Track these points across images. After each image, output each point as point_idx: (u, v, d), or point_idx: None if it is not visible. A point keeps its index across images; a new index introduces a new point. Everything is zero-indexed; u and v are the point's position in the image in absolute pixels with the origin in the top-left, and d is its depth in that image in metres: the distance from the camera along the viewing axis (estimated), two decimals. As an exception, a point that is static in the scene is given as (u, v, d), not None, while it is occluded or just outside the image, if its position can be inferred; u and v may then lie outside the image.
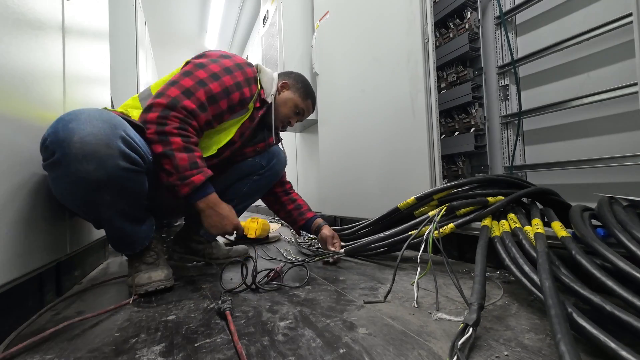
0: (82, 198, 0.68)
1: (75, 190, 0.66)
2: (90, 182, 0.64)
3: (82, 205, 0.70)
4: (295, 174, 2.56)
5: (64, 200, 0.70)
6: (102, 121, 0.65)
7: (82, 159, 0.62)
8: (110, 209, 0.72)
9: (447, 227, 0.90)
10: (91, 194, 0.67)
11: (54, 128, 0.62)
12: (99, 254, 1.24)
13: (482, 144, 1.43)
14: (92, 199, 0.68)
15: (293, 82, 1.11)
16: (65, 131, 0.61)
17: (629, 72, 1.00)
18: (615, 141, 1.06)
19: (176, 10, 4.09)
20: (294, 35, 2.14)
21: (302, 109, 1.11)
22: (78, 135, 0.61)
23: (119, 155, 0.66)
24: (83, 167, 0.62)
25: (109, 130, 0.65)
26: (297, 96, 1.09)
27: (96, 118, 0.65)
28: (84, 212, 0.73)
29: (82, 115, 0.64)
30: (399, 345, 0.51)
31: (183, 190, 0.81)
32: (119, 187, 0.69)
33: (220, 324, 0.62)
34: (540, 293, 0.55)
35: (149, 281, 0.81)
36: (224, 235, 0.94)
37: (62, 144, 0.61)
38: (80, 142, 0.61)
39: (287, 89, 1.09)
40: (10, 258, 0.56)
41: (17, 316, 0.64)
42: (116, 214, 0.74)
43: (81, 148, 0.61)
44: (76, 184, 0.64)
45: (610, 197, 0.72)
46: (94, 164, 0.63)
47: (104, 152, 0.64)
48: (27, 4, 0.65)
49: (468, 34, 1.40)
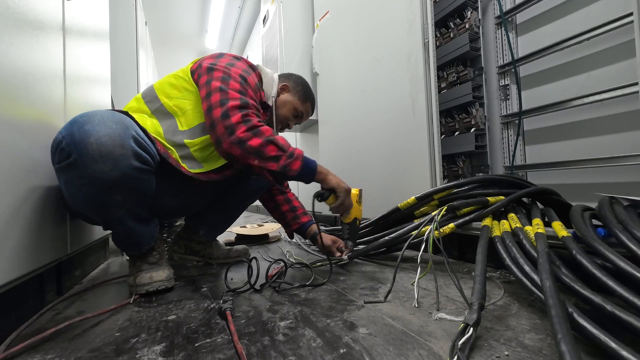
0: (95, 199, 0.68)
1: (90, 191, 0.67)
2: (104, 183, 0.65)
3: (94, 206, 0.70)
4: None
5: (76, 201, 0.70)
6: (115, 122, 0.67)
7: (99, 160, 0.63)
8: (121, 209, 0.73)
9: (448, 227, 0.90)
10: (104, 195, 0.68)
11: (69, 130, 0.64)
12: (99, 253, 1.24)
13: (482, 143, 1.43)
14: (104, 199, 0.69)
15: (293, 84, 1.11)
16: (81, 133, 0.63)
17: (629, 72, 1.00)
18: (616, 141, 1.05)
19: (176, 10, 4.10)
20: (294, 35, 2.14)
21: (301, 112, 1.11)
22: (94, 137, 0.63)
23: (132, 155, 0.68)
24: (99, 167, 0.64)
25: (122, 131, 0.67)
26: (296, 99, 1.09)
27: (109, 119, 0.67)
28: (96, 213, 0.73)
29: (96, 117, 0.66)
30: (400, 345, 0.51)
31: (295, 165, 0.83)
32: (131, 187, 0.70)
33: (220, 323, 0.62)
34: (540, 293, 0.55)
35: (150, 281, 0.81)
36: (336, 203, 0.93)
37: (78, 145, 0.62)
38: (96, 144, 0.63)
39: (287, 91, 1.09)
40: (10, 258, 0.56)
41: (18, 316, 0.64)
42: (126, 213, 0.75)
43: (98, 149, 0.63)
44: (91, 184, 0.65)
45: (610, 197, 0.72)
46: (110, 165, 0.64)
47: (119, 153, 0.65)
48: (28, 4, 0.66)
49: (468, 33, 1.40)
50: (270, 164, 0.82)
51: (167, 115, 0.89)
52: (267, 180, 0.87)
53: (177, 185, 0.91)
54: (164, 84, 0.92)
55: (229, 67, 0.89)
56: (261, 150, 0.80)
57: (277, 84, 1.07)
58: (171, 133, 0.88)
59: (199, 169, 0.91)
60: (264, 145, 0.80)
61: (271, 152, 0.81)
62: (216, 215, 1.16)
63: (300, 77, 1.14)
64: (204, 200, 1.09)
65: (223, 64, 0.89)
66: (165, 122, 0.89)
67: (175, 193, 0.94)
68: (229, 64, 0.90)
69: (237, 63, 0.92)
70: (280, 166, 0.82)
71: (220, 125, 0.79)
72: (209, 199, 1.10)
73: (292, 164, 0.83)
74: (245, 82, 0.88)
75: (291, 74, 1.15)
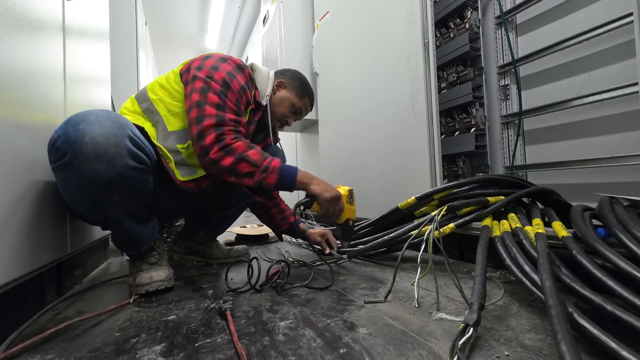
0: (92, 198, 0.68)
1: (86, 191, 0.67)
2: (100, 182, 0.65)
3: (91, 205, 0.70)
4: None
5: (72, 201, 0.70)
6: (110, 121, 0.67)
7: (94, 159, 0.63)
8: (118, 209, 0.73)
9: (448, 227, 0.90)
10: (101, 194, 0.68)
11: (64, 130, 0.63)
12: (99, 254, 1.24)
13: (482, 143, 1.43)
14: (101, 198, 0.69)
15: (289, 80, 1.09)
16: (76, 132, 0.63)
17: (629, 72, 1.00)
18: (616, 141, 1.05)
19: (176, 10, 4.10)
20: (294, 35, 2.13)
21: (299, 108, 1.10)
22: (89, 136, 0.63)
23: (128, 154, 0.68)
24: (94, 166, 0.64)
25: (118, 130, 0.67)
26: (293, 95, 1.08)
27: (105, 118, 0.66)
28: (93, 213, 0.73)
29: (91, 116, 0.65)
30: (400, 345, 0.51)
31: (271, 179, 0.83)
32: (127, 186, 0.70)
33: (220, 323, 0.62)
34: (540, 293, 0.55)
35: (150, 281, 0.81)
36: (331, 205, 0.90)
37: (73, 145, 0.62)
38: (91, 143, 0.63)
39: (283, 88, 1.08)
40: (11, 258, 0.56)
41: (18, 316, 0.64)
42: (123, 213, 0.75)
43: (92, 148, 0.63)
44: (87, 183, 0.65)
45: (611, 197, 0.72)
46: (104, 164, 0.64)
47: (114, 152, 0.65)
48: (28, 4, 0.66)
49: (468, 33, 1.40)
50: (246, 180, 0.83)
51: (156, 114, 0.88)
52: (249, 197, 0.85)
53: (177, 186, 0.91)
54: (154, 85, 0.92)
55: (213, 71, 0.86)
56: (234, 168, 0.81)
57: (272, 82, 1.06)
58: (162, 137, 0.87)
59: (193, 175, 0.90)
60: (235, 163, 0.81)
61: (244, 169, 0.81)
62: (216, 215, 1.16)
63: (297, 73, 1.12)
64: (204, 201, 1.09)
65: (207, 67, 0.87)
66: (156, 123, 0.88)
67: (175, 193, 0.94)
68: (213, 67, 0.87)
69: (222, 65, 0.88)
70: (255, 181, 0.83)
71: (197, 146, 0.81)
72: (209, 199, 1.10)
73: (268, 178, 0.83)
74: (226, 89, 0.85)
75: (287, 70, 1.13)
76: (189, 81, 0.86)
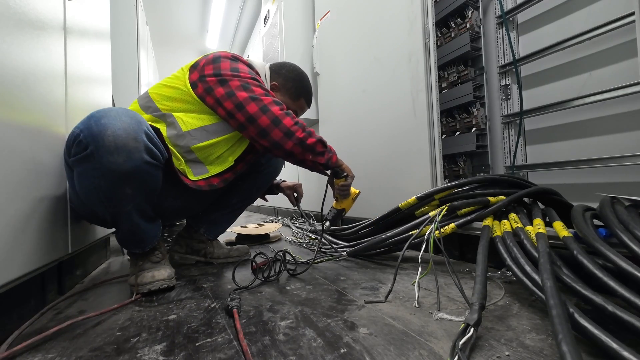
0: (107, 191, 0.70)
1: (102, 183, 0.68)
2: (117, 174, 0.67)
3: (105, 199, 0.71)
4: (296, 174, 2.56)
5: (87, 194, 0.71)
6: (129, 117, 0.70)
7: (114, 151, 0.66)
8: (130, 203, 0.74)
9: (448, 227, 0.90)
10: (115, 187, 0.70)
11: (87, 124, 0.66)
12: (100, 253, 1.24)
13: (483, 143, 1.42)
14: (115, 191, 0.70)
15: (283, 81, 1.08)
16: (98, 126, 0.66)
17: (630, 72, 1.00)
18: (618, 141, 1.05)
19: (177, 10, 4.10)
20: (295, 35, 2.13)
21: (294, 110, 1.10)
22: (111, 130, 0.66)
23: (144, 149, 0.70)
24: (114, 158, 0.66)
25: (136, 125, 0.69)
26: (286, 98, 1.08)
27: (124, 114, 0.70)
28: (105, 207, 0.73)
29: (112, 112, 0.69)
30: (400, 345, 0.51)
31: (334, 158, 0.99)
32: (140, 180, 0.72)
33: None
34: (541, 293, 0.55)
35: (152, 280, 0.81)
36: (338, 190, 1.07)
37: (96, 137, 0.65)
38: (112, 136, 0.66)
39: (277, 91, 1.08)
40: (12, 257, 0.56)
41: (20, 315, 0.64)
42: (134, 209, 0.76)
43: (113, 141, 0.66)
44: (104, 176, 0.67)
45: (612, 197, 0.72)
46: (123, 157, 0.67)
47: (133, 146, 0.68)
48: (29, 3, 0.66)
49: (469, 33, 1.40)
50: (320, 158, 0.95)
51: (169, 116, 0.89)
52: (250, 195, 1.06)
53: (181, 187, 0.91)
54: (158, 87, 0.92)
55: (237, 72, 0.89)
56: (314, 147, 0.93)
57: (268, 81, 1.06)
58: (175, 137, 0.88)
59: (205, 174, 0.93)
60: (316, 143, 0.93)
61: (319, 149, 0.94)
62: (216, 213, 1.16)
63: (292, 71, 1.11)
64: (206, 201, 1.09)
65: (227, 69, 0.89)
66: (170, 125, 0.89)
67: (178, 194, 0.95)
68: (234, 69, 0.90)
69: (239, 66, 0.92)
70: (325, 159, 0.96)
71: (277, 131, 0.87)
72: (211, 199, 1.11)
73: (333, 157, 0.99)
74: (259, 82, 0.92)
75: (282, 67, 1.11)
76: (214, 85, 0.87)
